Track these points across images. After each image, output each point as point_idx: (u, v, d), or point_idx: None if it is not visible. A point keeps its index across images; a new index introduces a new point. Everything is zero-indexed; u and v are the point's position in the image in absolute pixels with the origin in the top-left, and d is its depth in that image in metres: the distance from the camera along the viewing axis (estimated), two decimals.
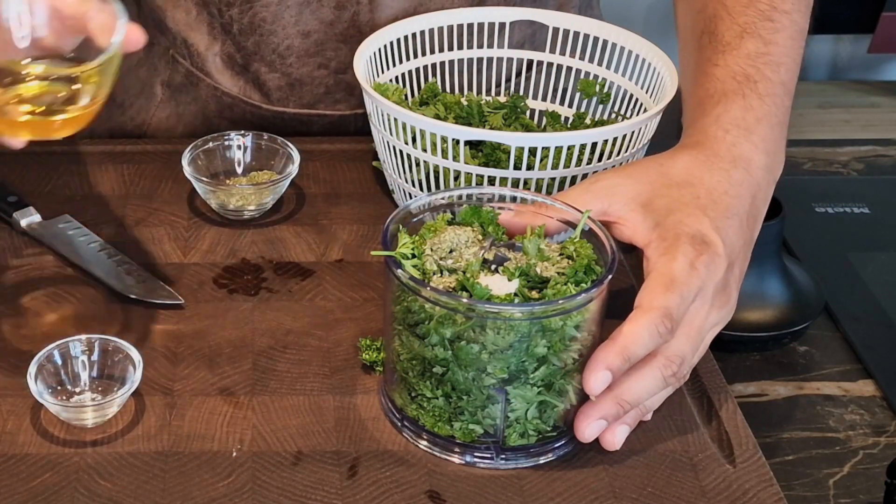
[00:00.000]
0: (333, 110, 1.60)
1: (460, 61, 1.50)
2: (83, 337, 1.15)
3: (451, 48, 1.49)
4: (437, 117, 1.39)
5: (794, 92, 1.22)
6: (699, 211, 1.08)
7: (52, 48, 1.09)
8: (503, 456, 1.07)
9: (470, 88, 1.52)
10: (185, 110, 1.74)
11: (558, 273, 1.07)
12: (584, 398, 1.07)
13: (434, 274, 1.08)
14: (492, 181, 1.27)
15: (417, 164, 1.32)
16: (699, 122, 1.18)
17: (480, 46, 1.50)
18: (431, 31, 1.47)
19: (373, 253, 1.08)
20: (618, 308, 1.05)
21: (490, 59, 1.51)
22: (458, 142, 1.27)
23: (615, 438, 1.05)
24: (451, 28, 1.48)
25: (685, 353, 1.05)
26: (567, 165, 1.26)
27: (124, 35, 1.05)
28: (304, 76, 1.55)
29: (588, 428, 1.03)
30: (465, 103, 1.47)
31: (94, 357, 1.14)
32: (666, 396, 1.08)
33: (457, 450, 1.08)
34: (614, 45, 1.44)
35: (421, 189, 1.32)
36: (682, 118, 1.25)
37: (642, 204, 1.10)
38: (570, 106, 1.49)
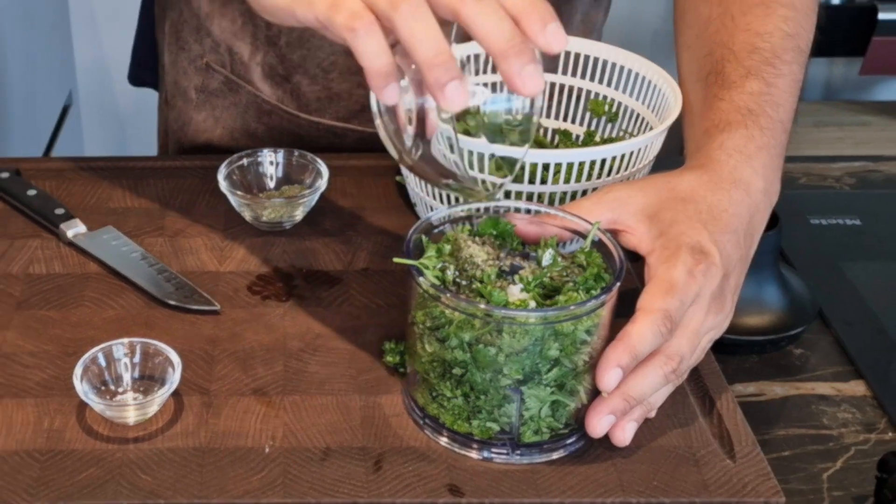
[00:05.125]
0: (365, 126, 1.60)
1: (488, 84, 1.50)
2: (125, 340, 1.15)
3: (476, 73, 1.49)
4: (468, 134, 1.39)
5: (790, 130, 1.24)
6: (700, 225, 1.09)
7: None
8: (518, 452, 1.07)
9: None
10: (222, 114, 1.74)
11: (570, 280, 1.08)
12: (593, 397, 1.08)
13: (453, 281, 1.08)
14: (508, 194, 1.27)
15: None
16: (705, 147, 1.18)
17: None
18: (465, 57, 1.48)
19: (396, 261, 1.08)
20: (624, 310, 1.05)
21: None
22: (481, 157, 1.27)
23: (624, 434, 1.06)
24: (477, 56, 1.48)
25: (683, 352, 1.06)
26: (578, 180, 1.26)
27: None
28: (343, 91, 1.56)
29: (599, 424, 1.04)
30: (486, 121, 1.47)
31: (136, 359, 1.15)
32: (668, 393, 1.09)
33: (475, 446, 1.08)
34: (622, 67, 1.44)
35: (441, 202, 1.32)
36: (686, 146, 1.25)
37: (649, 215, 1.10)
38: (581, 124, 1.49)
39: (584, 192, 1.27)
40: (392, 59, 0.98)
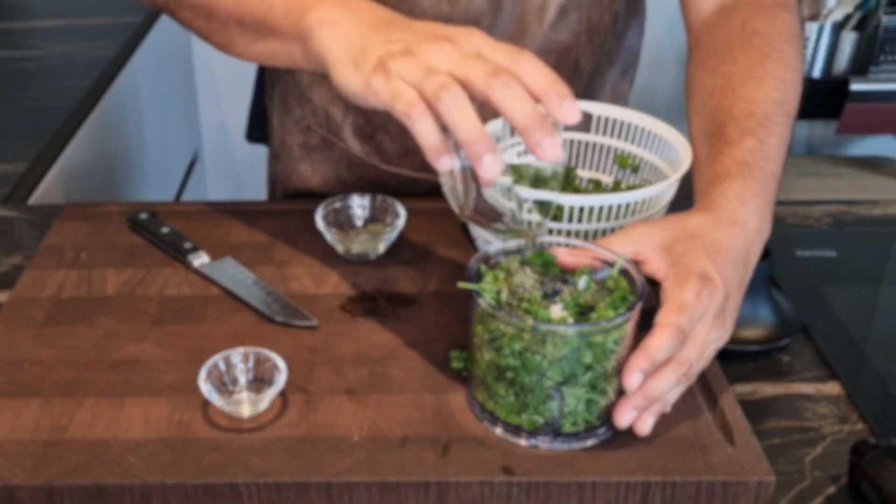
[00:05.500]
0: (435, 176, 1.61)
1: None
2: (241, 349, 1.16)
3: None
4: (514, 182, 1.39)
5: (779, 179, 1.24)
6: (706, 256, 1.09)
7: None
8: (559, 440, 1.07)
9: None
10: (320, 166, 1.76)
11: (600, 301, 1.08)
12: (620, 395, 1.08)
13: (506, 302, 1.08)
14: (551, 231, 1.27)
15: None
16: (709, 194, 1.19)
17: None
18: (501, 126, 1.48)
19: (460, 285, 1.08)
20: (644, 324, 1.05)
21: None
22: (526, 202, 1.27)
23: (645, 426, 1.06)
24: None
25: (692, 359, 1.06)
26: (607, 220, 1.26)
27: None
28: (417, 147, 1.57)
29: (624, 417, 1.04)
30: (531, 171, 1.47)
31: (250, 365, 1.15)
32: (680, 393, 1.08)
33: (524, 435, 1.08)
34: (643, 128, 1.43)
35: (496, 239, 1.32)
36: (695, 191, 1.25)
37: (664, 248, 1.11)
38: (610, 174, 1.49)
39: (613, 230, 1.27)
40: (441, 137, 1.02)
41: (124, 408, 1.13)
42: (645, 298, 1.07)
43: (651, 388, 1.05)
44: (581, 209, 1.26)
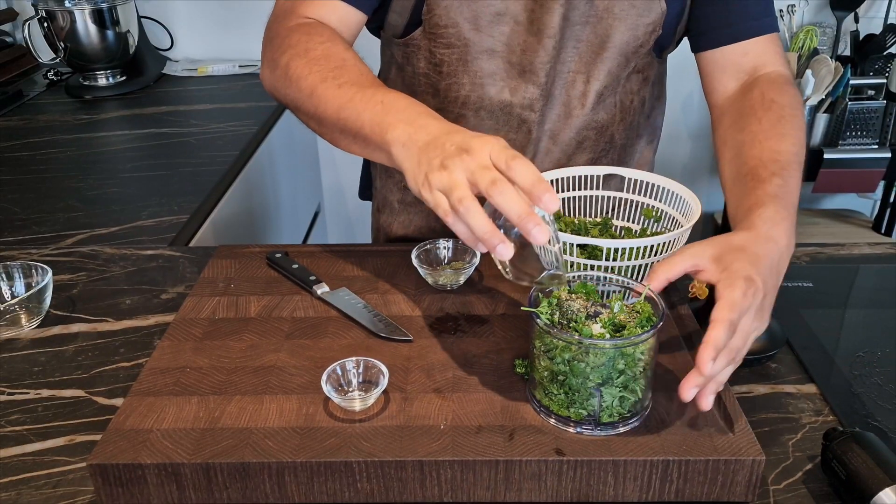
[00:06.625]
0: None
1: (578, 197, 1.51)
2: (353, 358, 1.17)
3: (569, 188, 1.49)
4: (561, 230, 1.40)
5: (797, 211, 1.27)
6: (749, 264, 1.11)
7: None
8: (599, 428, 1.07)
9: (581, 213, 1.53)
10: (414, 217, 1.77)
11: (631, 321, 1.08)
12: (648, 395, 1.08)
13: (558, 322, 1.09)
14: (592, 267, 1.27)
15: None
16: (748, 218, 1.22)
17: (587, 188, 1.51)
18: (563, 178, 1.49)
19: (523, 309, 1.08)
20: (663, 336, 1.05)
21: (592, 197, 1.52)
22: (573, 245, 1.28)
23: (707, 402, 1.07)
24: (577, 177, 1.49)
25: (739, 347, 1.08)
26: (636, 259, 1.26)
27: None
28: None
29: (687, 393, 1.05)
30: (576, 222, 1.48)
31: (360, 370, 1.16)
32: (730, 374, 1.09)
33: (571, 424, 1.08)
34: (663, 187, 1.43)
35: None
36: (731, 220, 1.29)
37: (715, 259, 1.12)
38: (638, 223, 1.49)
39: (642, 267, 1.28)
40: (470, 234, 1.06)
41: (263, 403, 1.14)
42: (664, 320, 1.07)
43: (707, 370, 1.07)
44: (616, 250, 1.26)
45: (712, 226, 3.72)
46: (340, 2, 1.48)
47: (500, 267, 1.12)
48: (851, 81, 3.16)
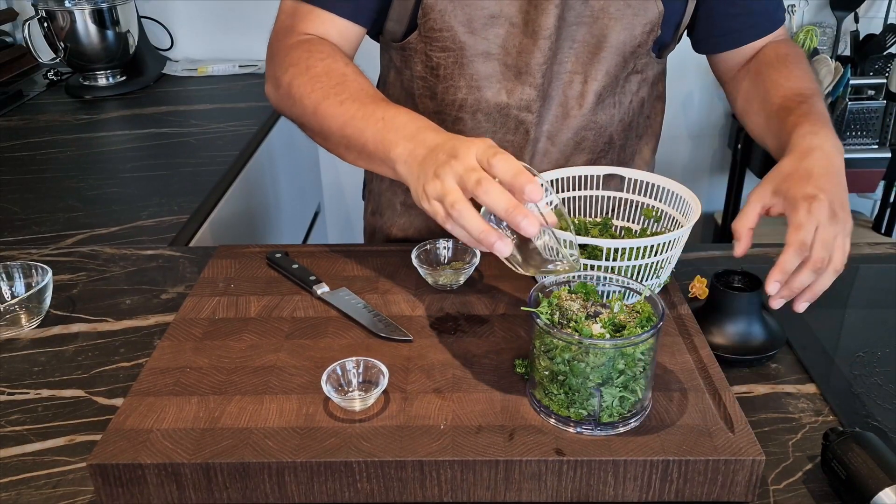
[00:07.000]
0: None
1: (578, 198, 1.50)
2: (353, 358, 1.17)
3: (569, 189, 1.49)
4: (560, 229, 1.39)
5: (831, 122, 1.36)
6: (803, 182, 1.21)
7: None
8: (598, 428, 1.07)
9: (581, 213, 1.53)
10: (414, 219, 1.77)
11: (631, 321, 1.08)
12: (648, 395, 1.08)
13: (558, 321, 1.09)
14: (592, 267, 1.27)
15: None
16: (789, 143, 1.31)
17: (587, 188, 1.51)
18: (562, 178, 1.48)
19: (523, 309, 1.08)
20: (663, 338, 1.05)
21: (592, 197, 1.52)
22: (572, 245, 1.28)
23: (800, 306, 1.22)
24: (577, 178, 1.48)
25: (823, 256, 1.18)
26: (637, 258, 1.26)
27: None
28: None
29: (775, 303, 1.23)
30: (576, 222, 1.47)
31: (360, 370, 1.16)
32: (831, 281, 1.21)
33: (571, 424, 1.08)
34: (663, 187, 1.43)
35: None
36: (773, 152, 1.43)
37: (773, 193, 1.24)
38: (638, 223, 1.49)
39: (642, 267, 1.27)
40: (468, 235, 1.08)
41: (263, 403, 1.14)
42: (664, 320, 1.07)
43: (793, 283, 1.20)
44: (616, 250, 1.26)
45: (712, 226, 3.72)
46: (339, 17, 1.49)
47: (506, 263, 1.12)
48: (851, 81, 3.17)
